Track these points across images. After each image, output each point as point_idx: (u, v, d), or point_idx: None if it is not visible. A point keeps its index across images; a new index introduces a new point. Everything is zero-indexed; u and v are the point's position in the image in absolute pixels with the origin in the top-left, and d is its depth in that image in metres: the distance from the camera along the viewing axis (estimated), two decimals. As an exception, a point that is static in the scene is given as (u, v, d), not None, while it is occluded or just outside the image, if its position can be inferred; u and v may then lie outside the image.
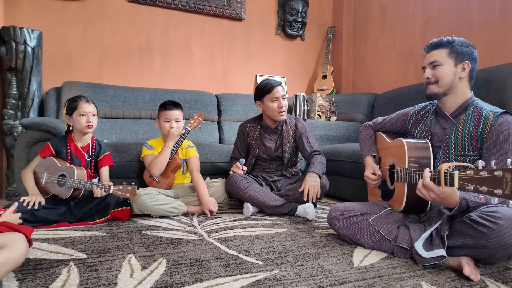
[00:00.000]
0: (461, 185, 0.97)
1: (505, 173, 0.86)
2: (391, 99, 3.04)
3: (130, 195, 1.72)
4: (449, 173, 1.02)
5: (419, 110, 1.51)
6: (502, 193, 0.86)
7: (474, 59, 1.31)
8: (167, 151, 2.00)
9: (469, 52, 1.31)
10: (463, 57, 1.31)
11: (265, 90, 2.09)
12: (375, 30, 3.56)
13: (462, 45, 1.31)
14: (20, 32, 2.53)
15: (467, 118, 1.29)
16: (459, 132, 1.30)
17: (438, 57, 1.35)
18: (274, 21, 3.86)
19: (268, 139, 2.20)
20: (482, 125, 1.24)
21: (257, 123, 2.25)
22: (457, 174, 0.99)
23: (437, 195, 1.09)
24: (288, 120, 2.22)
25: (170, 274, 1.08)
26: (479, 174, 0.92)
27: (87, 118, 1.83)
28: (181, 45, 3.43)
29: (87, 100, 1.87)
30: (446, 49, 1.33)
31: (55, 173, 1.80)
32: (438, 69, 1.34)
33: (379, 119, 1.71)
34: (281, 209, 1.96)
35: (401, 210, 1.37)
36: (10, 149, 2.54)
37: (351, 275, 1.09)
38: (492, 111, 1.25)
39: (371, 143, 1.68)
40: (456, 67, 1.32)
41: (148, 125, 2.97)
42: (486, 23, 2.42)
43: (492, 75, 2.08)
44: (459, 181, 0.98)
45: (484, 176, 0.90)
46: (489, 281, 1.06)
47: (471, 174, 0.94)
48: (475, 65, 1.32)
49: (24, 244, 1.01)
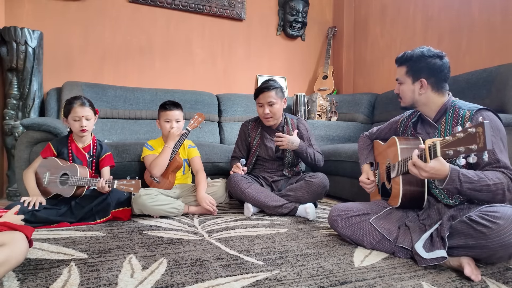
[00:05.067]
0: (443, 152, 1.03)
1: (477, 128, 0.92)
2: (391, 99, 3.04)
3: (134, 189, 1.71)
4: (432, 146, 1.07)
5: (407, 117, 1.55)
6: (477, 147, 0.91)
7: (435, 69, 1.32)
8: (167, 152, 2.00)
9: (426, 66, 1.32)
10: (419, 74, 1.34)
11: (254, 94, 2.12)
12: (376, 30, 3.56)
13: (419, 61, 1.33)
14: (21, 32, 2.54)
15: (447, 120, 1.32)
16: (441, 135, 1.33)
17: (399, 75, 1.42)
18: (274, 21, 3.86)
19: (269, 139, 2.19)
20: (460, 125, 1.25)
21: (258, 123, 2.25)
22: (438, 143, 1.05)
23: (428, 172, 1.11)
24: (289, 120, 2.22)
25: (171, 274, 1.08)
26: (456, 137, 0.98)
27: (80, 123, 1.82)
28: (182, 45, 3.44)
29: (82, 103, 1.83)
30: (404, 67, 1.39)
31: (58, 172, 1.80)
32: (401, 86, 1.42)
33: (374, 129, 1.76)
34: (282, 209, 1.96)
35: (398, 205, 1.37)
36: (11, 150, 2.54)
37: (352, 275, 1.09)
38: (469, 110, 1.27)
39: (368, 152, 1.73)
40: (414, 85, 1.37)
41: (149, 125, 2.97)
42: (487, 23, 2.42)
43: (493, 75, 2.08)
44: (441, 149, 1.03)
45: (460, 137, 0.97)
46: (490, 281, 1.06)
47: (450, 139, 1.00)
48: (437, 75, 1.32)
49: (24, 243, 1.01)
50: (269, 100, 2.06)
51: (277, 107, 2.08)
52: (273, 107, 2.07)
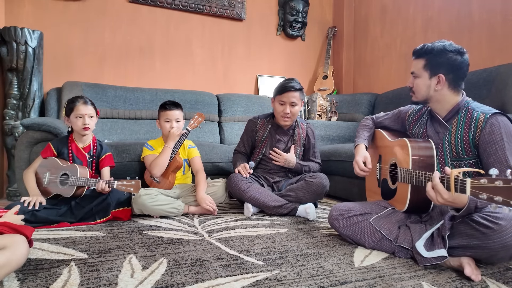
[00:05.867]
0: (474, 193, 0.93)
1: None
2: (391, 99, 3.04)
3: (134, 189, 1.71)
4: (460, 180, 0.98)
5: (417, 111, 1.51)
6: None
7: (455, 66, 1.27)
8: (167, 152, 2.00)
9: (446, 62, 1.27)
10: (437, 69, 1.29)
11: (278, 90, 2.07)
12: (376, 30, 3.56)
13: (439, 55, 1.28)
14: (21, 32, 2.54)
15: (459, 121, 1.28)
16: (452, 136, 1.29)
17: (415, 68, 1.36)
18: (274, 21, 3.86)
19: (278, 140, 2.16)
20: (473, 129, 1.23)
21: (268, 121, 2.19)
22: (469, 181, 0.95)
23: (446, 200, 1.06)
24: (300, 123, 2.20)
25: (171, 274, 1.08)
26: (494, 184, 0.88)
27: (83, 121, 1.82)
28: (182, 45, 3.44)
29: (85, 101, 1.85)
30: (422, 60, 1.33)
31: (58, 172, 1.80)
32: (416, 80, 1.36)
33: (381, 114, 1.71)
34: (282, 209, 1.96)
35: (404, 210, 1.37)
36: (11, 150, 2.54)
37: (352, 275, 1.09)
38: (483, 113, 1.23)
39: (368, 134, 1.66)
40: (430, 80, 1.31)
41: (149, 125, 2.97)
42: (487, 23, 2.42)
43: (493, 75, 2.08)
44: (471, 189, 0.94)
45: (499, 186, 0.87)
46: (490, 282, 1.06)
47: (485, 183, 0.90)
48: (456, 72, 1.28)
49: (25, 246, 1.01)
50: (292, 100, 2.03)
51: (297, 109, 2.06)
52: (294, 108, 2.05)
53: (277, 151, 2.08)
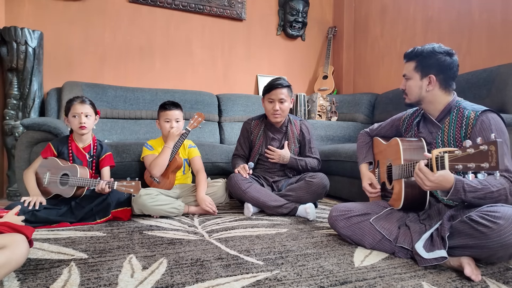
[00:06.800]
0: (451, 165, 1.01)
1: (489, 146, 0.90)
2: (391, 99, 3.04)
3: (134, 190, 1.71)
4: (440, 157, 1.06)
5: (410, 115, 1.54)
6: (488, 165, 0.90)
7: (445, 67, 1.31)
8: (167, 152, 2.00)
9: (436, 63, 1.31)
10: (428, 70, 1.33)
11: (266, 89, 2.11)
12: (376, 30, 3.56)
13: (429, 57, 1.32)
14: (21, 32, 2.54)
15: (451, 120, 1.31)
16: (445, 135, 1.32)
17: (407, 70, 1.41)
18: (274, 21, 3.86)
19: (272, 138, 2.19)
20: (464, 126, 1.26)
21: (261, 121, 2.24)
22: (446, 156, 1.02)
23: (432, 181, 1.11)
24: (293, 120, 2.22)
25: (171, 274, 1.08)
26: (466, 152, 0.96)
27: (79, 119, 1.82)
28: (182, 45, 3.44)
29: (82, 100, 1.85)
30: (413, 62, 1.38)
31: (58, 173, 1.80)
32: (408, 82, 1.41)
33: (375, 125, 1.75)
34: (282, 209, 1.96)
35: (400, 207, 1.37)
36: (11, 150, 2.54)
37: (352, 275, 1.09)
38: (473, 111, 1.26)
39: (367, 150, 1.71)
40: (422, 81, 1.36)
41: (149, 125, 2.97)
42: (487, 23, 2.42)
43: (493, 75, 2.08)
44: (449, 162, 1.01)
45: (471, 153, 0.94)
46: (490, 281, 1.06)
47: (459, 153, 0.98)
48: (446, 72, 1.31)
49: (25, 245, 1.01)
50: (280, 97, 2.06)
51: (286, 105, 2.10)
52: (284, 104, 2.08)
53: (272, 148, 2.12)
